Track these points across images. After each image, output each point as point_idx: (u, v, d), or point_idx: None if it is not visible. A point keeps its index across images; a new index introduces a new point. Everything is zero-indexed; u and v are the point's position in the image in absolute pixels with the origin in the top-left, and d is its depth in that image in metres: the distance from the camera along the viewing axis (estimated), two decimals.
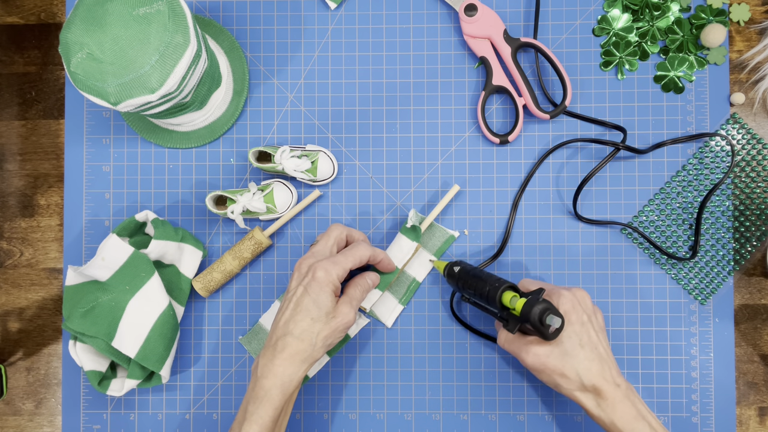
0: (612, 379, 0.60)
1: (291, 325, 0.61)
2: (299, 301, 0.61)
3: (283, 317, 0.62)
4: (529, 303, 0.59)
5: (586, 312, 0.62)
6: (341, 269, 0.62)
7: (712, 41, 0.71)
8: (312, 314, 0.61)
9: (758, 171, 0.74)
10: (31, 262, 0.77)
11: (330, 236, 0.66)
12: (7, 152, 0.77)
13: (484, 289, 0.64)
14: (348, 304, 0.63)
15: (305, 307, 0.61)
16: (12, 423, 0.76)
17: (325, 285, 0.61)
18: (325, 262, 0.62)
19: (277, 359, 0.60)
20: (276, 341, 0.61)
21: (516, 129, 0.73)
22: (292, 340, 0.60)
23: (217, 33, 0.75)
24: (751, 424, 0.73)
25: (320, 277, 0.61)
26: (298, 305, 0.61)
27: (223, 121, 0.75)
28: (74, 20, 0.61)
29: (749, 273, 0.74)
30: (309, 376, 0.73)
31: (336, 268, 0.62)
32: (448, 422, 0.74)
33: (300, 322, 0.61)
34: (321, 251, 0.65)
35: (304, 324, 0.61)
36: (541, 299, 0.59)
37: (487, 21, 0.73)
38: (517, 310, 0.60)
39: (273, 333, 0.62)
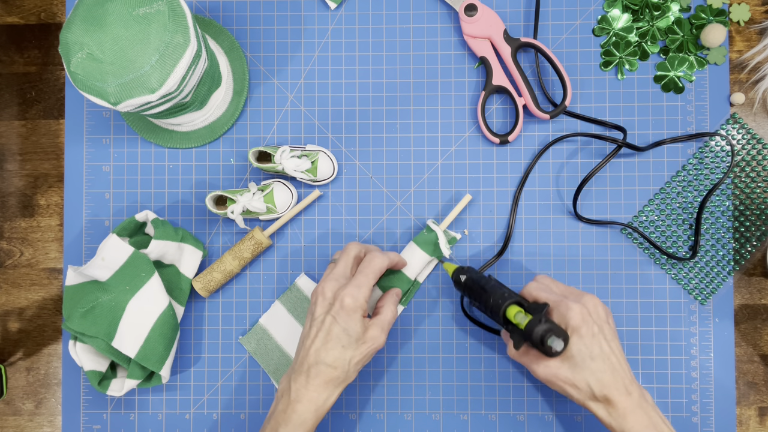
0: (624, 388, 0.59)
1: (323, 354, 0.61)
2: (329, 330, 0.62)
3: (314, 345, 0.62)
4: (531, 323, 0.59)
5: (597, 322, 0.60)
6: (366, 290, 0.63)
7: (712, 41, 0.71)
8: (343, 342, 0.61)
9: (758, 171, 0.74)
10: (31, 262, 0.77)
11: (349, 255, 0.66)
12: (7, 152, 0.77)
13: (488, 302, 0.64)
14: (378, 327, 0.64)
15: (335, 336, 0.61)
16: (12, 423, 0.76)
17: (353, 312, 0.62)
18: (351, 289, 0.62)
19: (311, 385, 0.61)
20: (309, 368, 0.62)
21: (516, 129, 0.73)
22: (325, 368, 0.61)
23: (217, 33, 0.75)
24: (751, 424, 0.73)
25: (348, 304, 0.62)
26: (329, 334, 0.62)
27: (223, 121, 0.75)
28: (74, 20, 0.61)
29: (749, 273, 0.74)
30: None
31: (361, 291, 0.63)
32: (448, 422, 0.74)
33: (331, 350, 0.61)
34: (342, 273, 0.65)
35: (336, 352, 0.61)
36: (544, 319, 0.59)
37: (487, 21, 0.73)
38: (521, 326, 0.60)
39: (304, 359, 0.62)
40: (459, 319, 0.74)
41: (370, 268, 0.64)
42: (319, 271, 0.75)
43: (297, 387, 0.62)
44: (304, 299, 0.74)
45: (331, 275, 0.65)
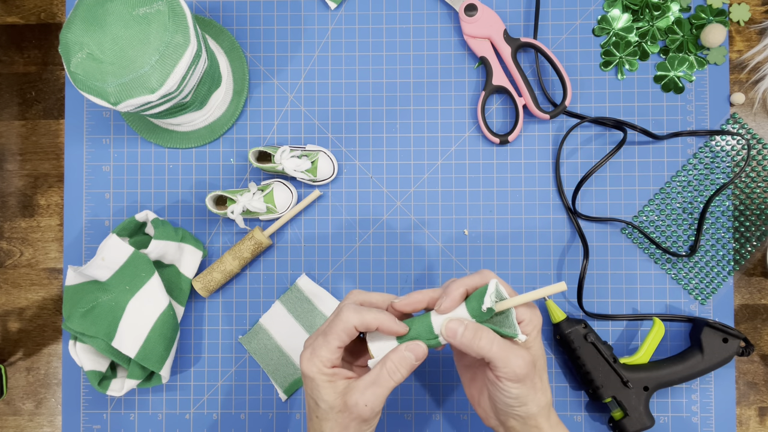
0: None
1: (308, 424, 0.57)
2: (306, 398, 0.56)
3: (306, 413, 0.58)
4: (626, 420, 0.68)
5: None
6: (325, 352, 0.53)
7: (712, 41, 0.71)
8: (316, 412, 0.54)
9: (758, 171, 0.74)
10: (31, 262, 0.77)
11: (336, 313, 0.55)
12: (7, 152, 0.77)
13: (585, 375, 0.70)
14: (359, 394, 0.52)
15: (310, 405, 0.55)
16: (12, 423, 0.76)
17: (310, 380, 0.53)
18: (305, 351, 0.54)
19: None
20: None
21: (516, 129, 0.73)
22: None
23: (217, 33, 0.75)
24: (751, 424, 0.73)
25: (305, 371, 0.53)
26: (306, 401, 0.56)
27: (223, 121, 0.75)
28: (74, 20, 0.61)
29: (749, 273, 0.74)
30: None
31: (315, 356, 0.53)
32: (448, 422, 0.74)
33: (311, 421, 0.56)
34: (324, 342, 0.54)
35: (314, 424, 0.55)
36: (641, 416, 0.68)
37: (487, 21, 0.73)
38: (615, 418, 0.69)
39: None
40: None
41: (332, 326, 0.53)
42: (320, 271, 0.75)
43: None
44: (305, 300, 0.74)
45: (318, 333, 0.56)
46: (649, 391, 0.68)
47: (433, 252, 0.75)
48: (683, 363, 0.69)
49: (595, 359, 0.69)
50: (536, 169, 0.75)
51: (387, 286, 0.75)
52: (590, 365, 0.69)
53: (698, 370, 0.68)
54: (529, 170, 0.75)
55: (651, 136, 0.73)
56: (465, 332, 0.52)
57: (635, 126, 0.73)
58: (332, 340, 0.53)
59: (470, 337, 0.52)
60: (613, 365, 0.69)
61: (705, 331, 0.69)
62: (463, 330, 0.52)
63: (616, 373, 0.68)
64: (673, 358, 0.70)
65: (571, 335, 0.70)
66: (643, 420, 0.68)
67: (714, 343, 0.69)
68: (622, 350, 0.74)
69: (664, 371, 0.68)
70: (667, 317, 0.72)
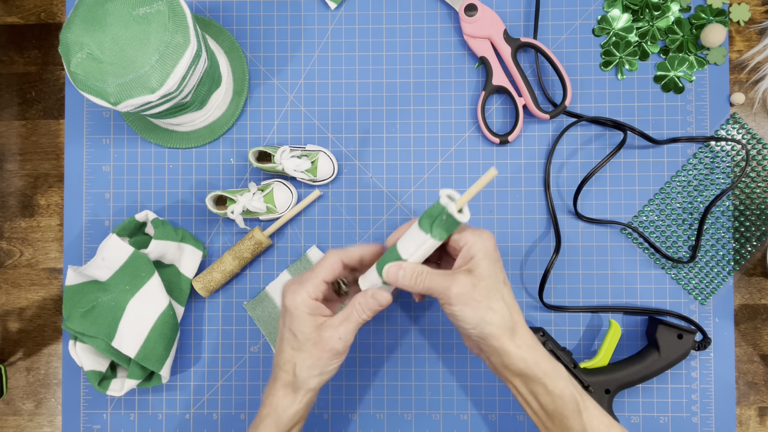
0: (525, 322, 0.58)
1: (278, 356, 0.59)
2: (282, 333, 0.59)
3: (276, 349, 0.61)
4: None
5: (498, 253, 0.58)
6: (310, 286, 0.58)
7: (712, 41, 0.71)
8: (292, 344, 0.58)
9: (758, 171, 0.74)
10: (31, 262, 0.77)
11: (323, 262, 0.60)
12: (7, 152, 0.77)
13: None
14: (333, 329, 0.57)
15: (285, 338, 0.59)
16: (12, 423, 0.76)
17: (293, 309, 0.57)
18: (291, 285, 0.58)
19: (272, 389, 0.59)
20: (273, 373, 0.60)
21: (516, 129, 0.73)
22: (279, 372, 0.59)
23: (217, 33, 0.75)
24: (751, 424, 0.73)
25: (288, 303, 0.58)
26: (281, 334, 0.60)
27: (223, 121, 0.75)
28: (74, 20, 0.61)
29: (749, 273, 0.74)
30: None
31: (303, 287, 0.58)
32: (448, 422, 0.74)
33: (283, 353, 0.59)
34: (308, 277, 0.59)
35: (286, 354, 0.58)
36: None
37: (487, 21, 0.73)
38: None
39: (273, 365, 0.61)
40: None
41: (319, 264, 0.59)
42: None
43: (266, 390, 0.60)
44: None
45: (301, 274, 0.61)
46: (610, 394, 0.68)
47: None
48: (641, 363, 0.69)
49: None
50: (536, 169, 0.75)
51: None
52: None
53: (657, 368, 0.69)
54: (529, 170, 0.75)
55: (650, 140, 0.73)
56: (404, 274, 0.57)
57: (634, 129, 0.73)
58: (319, 273, 0.58)
59: (408, 276, 0.57)
60: (573, 371, 0.69)
61: (660, 330, 0.69)
62: (402, 272, 0.57)
63: (577, 379, 0.69)
64: (632, 359, 0.70)
65: None
66: None
67: (669, 341, 0.69)
68: (587, 350, 0.74)
69: (624, 372, 0.69)
70: (629, 310, 0.73)
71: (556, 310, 0.74)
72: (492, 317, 0.55)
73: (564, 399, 0.56)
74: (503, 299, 0.56)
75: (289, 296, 0.58)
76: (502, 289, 0.56)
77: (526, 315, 0.74)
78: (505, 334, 0.56)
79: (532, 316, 0.74)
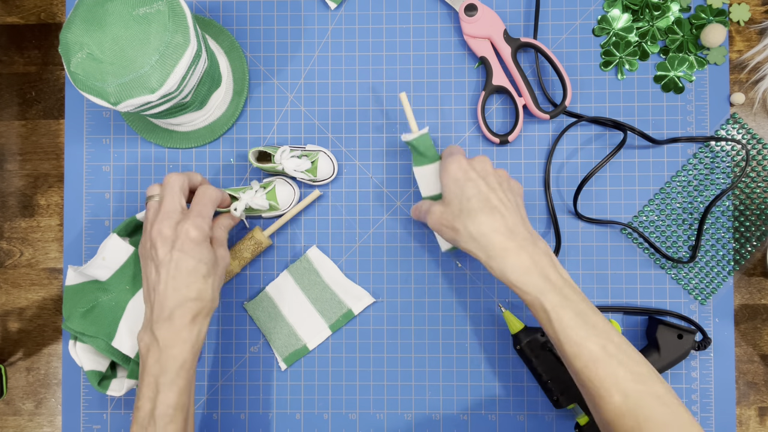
0: (507, 229, 0.58)
1: (184, 291, 0.60)
2: (181, 267, 0.60)
3: (170, 286, 0.60)
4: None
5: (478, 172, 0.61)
6: (209, 220, 0.62)
7: (712, 41, 0.71)
8: (202, 272, 0.60)
9: (758, 171, 0.74)
10: (31, 262, 0.77)
11: (173, 189, 0.62)
12: (7, 152, 0.77)
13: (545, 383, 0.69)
14: (222, 247, 0.64)
15: (192, 270, 0.60)
16: (12, 423, 0.76)
17: (202, 241, 0.61)
18: (195, 219, 0.61)
19: (179, 326, 0.59)
20: (171, 312, 0.59)
21: (516, 129, 0.73)
22: (191, 304, 0.60)
23: (217, 33, 0.75)
24: (751, 424, 0.73)
25: (196, 236, 0.60)
26: (183, 271, 0.60)
27: (223, 121, 0.75)
28: (74, 20, 0.61)
29: (749, 273, 0.74)
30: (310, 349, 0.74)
31: (205, 221, 0.61)
32: (448, 422, 0.74)
33: (193, 285, 0.60)
34: (172, 209, 0.61)
35: (198, 285, 0.60)
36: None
37: (487, 21, 0.73)
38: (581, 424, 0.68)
39: (162, 305, 0.60)
40: (459, 318, 0.75)
41: (207, 198, 0.63)
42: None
43: (164, 335, 0.59)
44: (313, 271, 0.74)
45: (161, 214, 0.61)
46: None
47: (433, 252, 0.75)
48: None
49: (554, 367, 0.69)
50: (536, 169, 0.75)
51: (387, 285, 0.75)
52: (551, 373, 0.69)
53: (657, 368, 0.69)
54: (529, 170, 0.75)
55: (649, 140, 0.73)
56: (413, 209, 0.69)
57: (634, 129, 0.73)
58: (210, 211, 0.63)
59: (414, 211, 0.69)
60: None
61: (660, 330, 0.69)
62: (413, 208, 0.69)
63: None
64: None
65: (529, 345, 0.69)
66: None
67: (669, 341, 0.69)
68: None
69: None
70: (629, 310, 0.73)
71: None
72: (459, 238, 0.60)
73: (535, 308, 0.58)
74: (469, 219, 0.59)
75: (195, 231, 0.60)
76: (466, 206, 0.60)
77: (526, 315, 0.74)
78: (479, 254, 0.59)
79: (532, 317, 0.74)
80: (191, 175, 0.65)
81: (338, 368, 0.75)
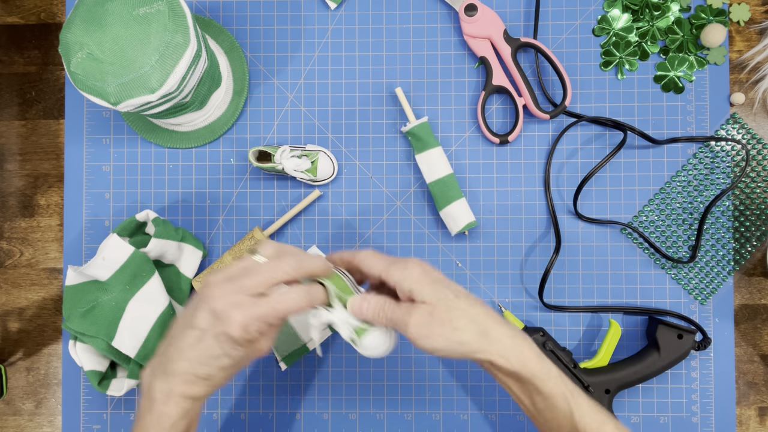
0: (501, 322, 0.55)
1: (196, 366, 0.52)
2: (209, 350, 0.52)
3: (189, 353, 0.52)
4: None
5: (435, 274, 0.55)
6: (265, 325, 0.52)
7: (712, 41, 0.71)
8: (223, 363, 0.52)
9: (758, 171, 0.74)
10: (31, 262, 0.77)
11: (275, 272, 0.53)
12: (7, 152, 0.77)
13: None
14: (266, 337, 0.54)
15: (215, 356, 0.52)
16: (12, 423, 0.76)
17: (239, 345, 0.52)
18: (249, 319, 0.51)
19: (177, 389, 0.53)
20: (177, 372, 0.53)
21: (516, 129, 0.73)
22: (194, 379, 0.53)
23: (217, 33, 0.75)
24: (751, 424, 0.73)
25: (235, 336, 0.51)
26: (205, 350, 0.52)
27: (223, 121, 0.75)
28: (74, 20, 0.61)
29: (749, 273, 0.74)
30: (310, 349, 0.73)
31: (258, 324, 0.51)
32: (448, 422, 0.74)
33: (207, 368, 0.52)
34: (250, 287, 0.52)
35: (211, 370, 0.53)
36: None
37: (487, 21, 0.73)
38: None
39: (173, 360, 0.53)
40: None
41: (284, 305, 0.52)
42: None
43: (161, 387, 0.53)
44: None
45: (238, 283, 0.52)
46: (610, 394, 0.68)
47: (433, 252, 0.75)
48: (641, 363, 0.69)
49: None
50: (536, 169, 0.75)
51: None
52: None
53: (657, 368, 0.69)
54: (529, 170, 0.75)
55: (650, 140, 0.73)
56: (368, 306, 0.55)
57: (634, 129, 0.73)
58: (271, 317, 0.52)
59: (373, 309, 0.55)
60: (573, 371, 0.69)
61: (660, 330, 0.69)
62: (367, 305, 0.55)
63: (577, 379, 0.69)
64: (632, 359, 0.70)
65: None
66: None
67: (670, 341, 0.69)
68: (587, 350, 0.74)
69: (624, 372, 0.69)
70: (629, 310, 0.73)
71: (556, 310, 0.74)
72: (460, 336, 0.53)
73: (554, 398, 0.55)
74: (464, 314, 0.54)
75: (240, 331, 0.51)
76: (457, 304, 0.54)
77: (526, 315, 0.74)
78: (480, 344, 0.53)
79: (532, 316, 0.74)
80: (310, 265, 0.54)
81: (338, 368, 0.75)
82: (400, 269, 0.55)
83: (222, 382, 0.55)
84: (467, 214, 0.71)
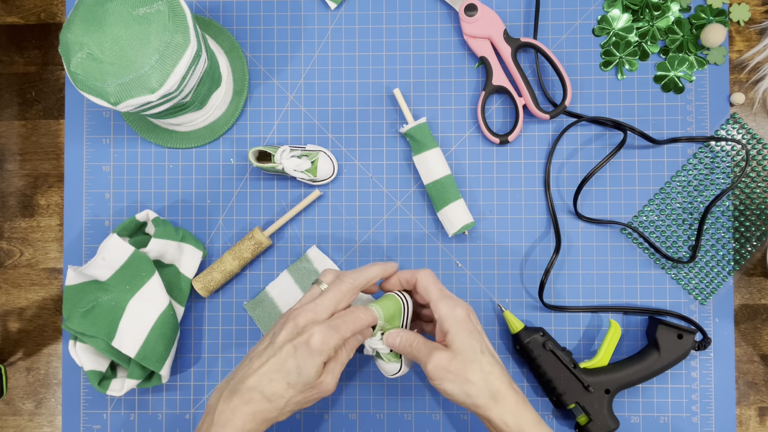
0: (511, 385, 0.59)
1: (264, 381, 0.55)
2: (283, 361, 0.55)
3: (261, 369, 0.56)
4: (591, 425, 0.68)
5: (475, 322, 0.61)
6: (339, 340, 0.57)
7: (712, 41, 0.71)
8: (291, 379, 0.55)
9: (758, 171, 0.74)
10: (31, 262, 0.77)
11: (341, 289, 0.59)
12: (7, 152, 0.77)
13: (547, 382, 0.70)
14: (332, 375, 0.58)
15: (286, 370, 0.55)
16: (12, 423, 0.76)
17: (317, 354, 0.56)
18: (325, 329, 0.56)
19: (239, 411, 0.55)
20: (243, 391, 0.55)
21: (516, 129, 0.73)
22: (259, 398, 0.55)
23: (217, 33, 0.75)
24: (751, 424, 0.73)
25: (315, 344, 0.55)
26: (281, 364, 0.55)
27: (223, 121, 0.75)
28: (74, 20, 0.61)
29: (749, 273, 0.74)
30: None
31: (335, 338, 0.56)
32: (448, 422, 0.74)
33: (274, 382, 0.55)
34: (325, 307, 0.58)
35: (279, 386, 0.55)
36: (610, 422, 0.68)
37: (487, 21, 0.73)
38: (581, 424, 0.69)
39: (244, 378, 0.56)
40: None
41: (353, 318, 0.58)
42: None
43: (223, 408, 0.55)
44: (313, 271, 0.74)
45: (312, 304, 0.58)
46: (610, 394, 0.69)
47: (433, 252, 0.75)
48: (641, 363, 0.69)
49: (555, 366, 0.69)
50: (536, 169, 0.75)
51: None
52: (551, 373, 0.69)
53: (657, 368, 0.69)
54: (529, 170, 0.75)
55: (649, 140, 0.73)
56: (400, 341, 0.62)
57: (634, 129, 0.73)
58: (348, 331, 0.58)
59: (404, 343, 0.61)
60: (573, 371, 0.69)
61: (660, 330, 0.69)
62: (399, 339, 0.62)
63: (577, 379, 0.69)
64: (632, 359, 0.70)
65: (530, 345, 0.70)
66: (607, 423, 0.68)
67: (669, 341, 0.69)
68: (587, 350, 0.74)
69: (624, 372, 0.69)
70: (629, 310, 0.73)
71: (556, 310, 0.74)
72: (470, 389, 0.58)
73: None
74: (481, 369, 0.58)
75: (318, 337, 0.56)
76: (480, 359, 0.58)
77: (526, 315, 0.74)
78: (486, 403, 0.58)
79: (532, 316, 0.74)
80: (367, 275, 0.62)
81: None
82: (449, 307, 0.60)
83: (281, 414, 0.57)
84: (464, 215, 0.71)
